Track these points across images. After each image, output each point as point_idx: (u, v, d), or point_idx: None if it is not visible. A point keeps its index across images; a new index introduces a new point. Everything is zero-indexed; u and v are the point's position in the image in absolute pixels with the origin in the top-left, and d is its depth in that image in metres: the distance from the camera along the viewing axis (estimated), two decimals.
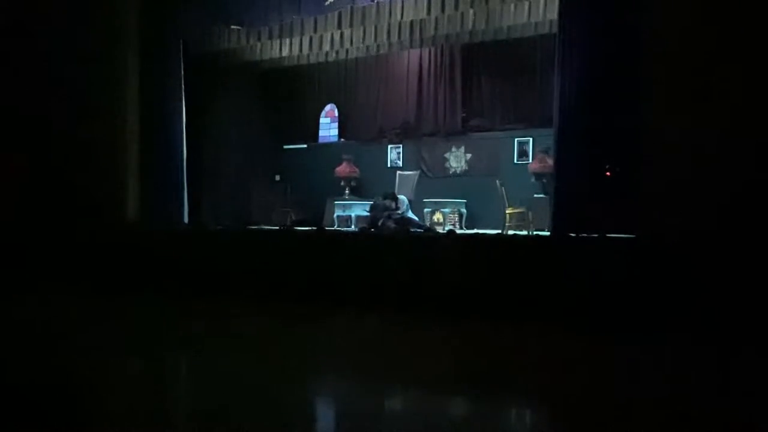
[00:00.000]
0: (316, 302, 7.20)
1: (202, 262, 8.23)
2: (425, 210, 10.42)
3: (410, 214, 9.63)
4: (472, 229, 9.91)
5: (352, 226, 10.39)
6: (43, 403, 3.80)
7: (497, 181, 9.41)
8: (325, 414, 4.13)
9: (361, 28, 9.82)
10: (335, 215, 10.92)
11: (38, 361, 4.81)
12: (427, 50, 11.33)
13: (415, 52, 11.43)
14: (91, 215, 8.74)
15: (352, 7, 8.95)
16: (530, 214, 8.87)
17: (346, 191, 11.39)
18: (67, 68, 8.86)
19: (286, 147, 12.54)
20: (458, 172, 11.13)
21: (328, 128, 12.48)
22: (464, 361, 4.97)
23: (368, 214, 9.75)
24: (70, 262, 8.31)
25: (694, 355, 5.18)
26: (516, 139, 10.58)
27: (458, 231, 9.02)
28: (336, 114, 12.42)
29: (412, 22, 9.55)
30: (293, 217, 10.81)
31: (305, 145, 12.47)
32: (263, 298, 7.55)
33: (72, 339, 5.60)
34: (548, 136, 8.39)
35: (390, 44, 10.49)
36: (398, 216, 9.06)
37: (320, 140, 12.50)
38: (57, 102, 8.79)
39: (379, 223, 8.89)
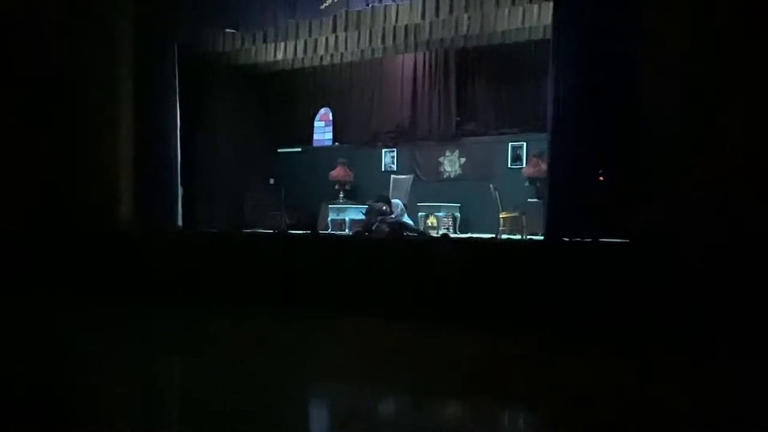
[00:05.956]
0: (309, 306, 7.19)
1: (196, 265, 8.20)
2: (419, 214, 10.42)
3: (405, 218, 9.62)
4: (466, 233, 9.91)
5: (347, 230, 10.38)
6: (40, 406, 3.79)
7: (491, 186, 9.43)
8: (317, 417, 4.13)
9: (356, 32, 9.83)
10: (329, 219, 10.91)
11: (35, 364, 4.80)
12: (421, 54, 11.34)
13: (409, 57, 11.44)
14: (85, 219, 8.70)
15: (347, 11, 8.94)
16: (524, 218, 8.88)
17: (341, 195, 11.39)
18: (61, 72, 8.83)
19: (280, 150, 12.52)
20: (452, 176, 11.14)
21: (323, 132, 12.47)
22: (457, 366, 4.97)
23: (363, 217, 9.74)
24: (64, 266, 8.28)
25: (690, 357, 5.20)
26: (510, 144, 10.59)
27: (452, 235, 9.01)
28: (330, 118, 12.41)
29: (406, 27, 9.58)
30: (287, 221, 10.79)
31: (300, 149, 12.46)
32: (257, 301, 7.53)
33: (68, 343, 5.59)
34: (542, 140, 8.41)
35: (385, 48, 10.52)
36: (392, 220, 9.05)
37: (315, 144, 12.49)
38: (51, 104, 8.77)
39: (374, 227, 8.88)
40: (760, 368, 4.86)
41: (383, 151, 11.76)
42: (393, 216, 9.25)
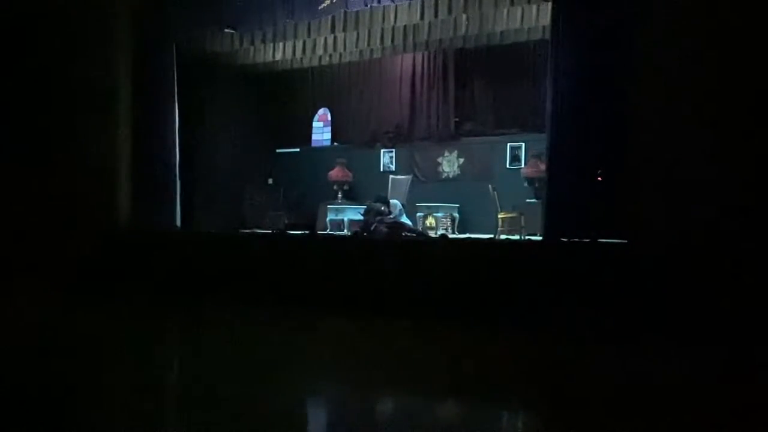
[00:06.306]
0: (308, 307, 7.18)
1: (195, 266, 8.20)
2: (418, 214, 10.42)
3: (403, 219, 9.62)
4: (465, 233, 9.92)
5: (345, 231, 10.38)
6: (43, 406, 3.79)
7: (490, 186, 9.43)
8: (314, 417, 4.12)
9: (355, 33, 9.83)
10: (328, 219, 10.91)
11: (35, 364, 4.80)
12: (420, 55, 11.35)
13: (408, 57, 11.44)
14: (83, 219, 8.69)
15: (345, 12, 8.94)
16: (522, 218, 8.88)
17: (339, 195, 11.39)
18: (60, 70, 8.82)
19: (279, 151, 12.53)
20: (451, 176, 11.14)
21: (321, 132, 12.47)
22: (456, 366, 4.97)
23: (361, 218, 9.74)
24: (62, 266, 8.27)
25: (686, 358, 5.20)
26: (508, 144, 10.60)
27: (451, 236, 9.02)
28: (329, 118, 12.41)
29: (405, 27, 9.58)
30: (286, 221, 10.80)
31: (298, 149, 12.46)
32: (255, 302, 7.52)
33: (67, 343, 5.59)
34: (541, 141, 8.41)
35: (383, 48, 10.51)
36: (391, 220, 9.05)
37: (313, 144, 12.49)
38: (49, 104, 8.76)
39: (372, 228, 8.88)
40: (760, 366, 4.87)
41: (382, 151, 11.77)
42: (391, 216, 9.25)
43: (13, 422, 3.50)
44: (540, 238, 7.66)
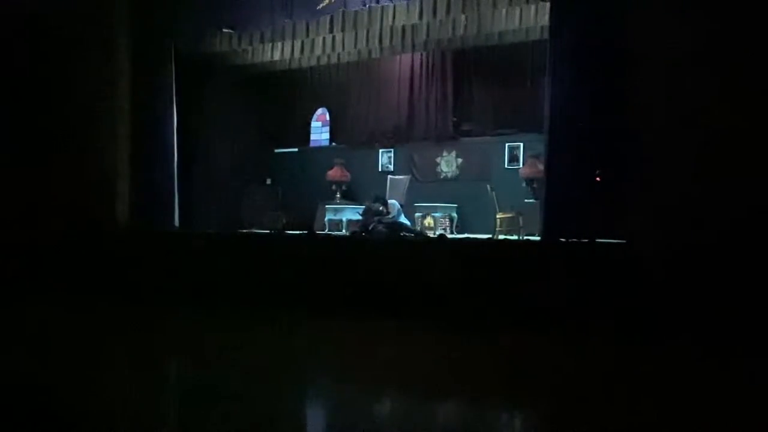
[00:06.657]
0: (307, 307, 7.19)
1: (193, 266, 8.20)
2: (416, 214, 10.42)
3: (402, 219, 9.63)
4: (463, 233, 9.93)
5: (343, 231, 10.38)
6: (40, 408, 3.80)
7: (488, 186, 9.44)
8: (310, 419, 4.13)
9: (353, 33, 9.82)
10: (326, 219, 10.91)
11: (37, 365, 4.80)
12: (418, 55, 11.33)
13: (406, 57, 11.43)
14: (82, 219, 8.70)
15: (344, 12, 8.94)
16: (521, 219, 8.88)
17: (338, 195, 11.39)
18: (59, 72, 8.83)
19: (277, 151, 12.53)
20: (449, 176, 11.14)
21: (320, 132, 12.47)
22: (454, 366, 4.98)
23: (360, 218, 9.74)
24: (61, 266, 8.27)
25: (686, 358, 5.22)
26: (507, 144, 10.60)
27: (449, 236, 9.03)
28: (327, 118, 12.41)
29: (403, 27, 9.57)
30: (284, 221, 10.80)
31: (297, 149, 12.45)
32: (253, 302, 7.52)
33: (65, 343, 5.59)
34: (539, 141, 8.42)
35: (382, 49, 10.51)
36: (389, 221, 9.05)
37: (312, 144, 12.49)
38: (49, 104, 8.76)
39: (370, 228, 8.88)
40: (759, 367, 4.89)
41: (380, 151, 11.76)
42: (390, 216, 9.27)
43: (12, 422, 3.51)
44: (538, 238, 7.67)
